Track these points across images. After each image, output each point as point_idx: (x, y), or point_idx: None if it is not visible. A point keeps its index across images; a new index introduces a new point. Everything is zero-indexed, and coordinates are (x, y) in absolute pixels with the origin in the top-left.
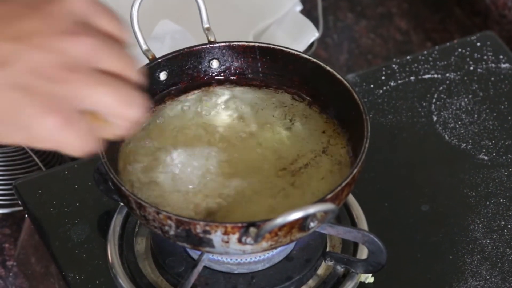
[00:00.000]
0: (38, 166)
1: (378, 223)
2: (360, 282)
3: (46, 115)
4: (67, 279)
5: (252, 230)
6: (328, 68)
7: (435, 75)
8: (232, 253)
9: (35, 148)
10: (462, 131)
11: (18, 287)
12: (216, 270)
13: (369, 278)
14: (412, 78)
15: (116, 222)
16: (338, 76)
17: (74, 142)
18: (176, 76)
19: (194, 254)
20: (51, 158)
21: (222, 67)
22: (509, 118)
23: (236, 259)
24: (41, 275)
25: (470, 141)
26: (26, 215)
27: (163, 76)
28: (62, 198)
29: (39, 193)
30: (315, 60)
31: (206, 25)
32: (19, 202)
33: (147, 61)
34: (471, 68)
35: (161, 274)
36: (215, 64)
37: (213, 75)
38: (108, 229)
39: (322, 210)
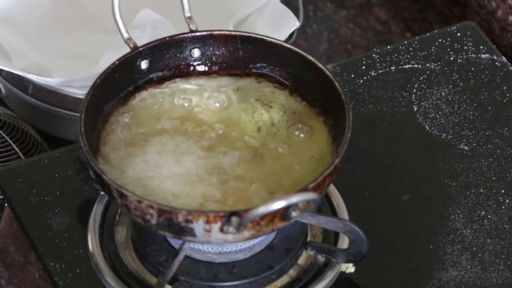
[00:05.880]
0: (18, 155)
1: (359, 212)
2: (341, 271)
3: None
4: (48, 268)
5: (234, 219)
6: (310, 57)
7: (416, 65)
8: (213, 242)
9: (14, 137)
10: (442, 121)
11: None
12: (197, 260)
13: (350, 268)
14: (393, 68)
15: (97, 211)
16: (320, 65)
17: None
18: (157, 64)
19: (175, 243)
20: (31, 146)
21: (203, 56)
22: (489, 108)
23: (217, 249)
24: (21, 264)
25: (450, 131)
26: (6, 204)
27: (144, 64)
28: (42, 187)
29: (19, 182)
30: (296, 49)
31: (188, 14)
32: None
33: (128, 50)
34: (451, 58)
35: (142, 263)
36: (196, 53)
37: (195, 64)
38: (89, 218)
39: (305, 200)
